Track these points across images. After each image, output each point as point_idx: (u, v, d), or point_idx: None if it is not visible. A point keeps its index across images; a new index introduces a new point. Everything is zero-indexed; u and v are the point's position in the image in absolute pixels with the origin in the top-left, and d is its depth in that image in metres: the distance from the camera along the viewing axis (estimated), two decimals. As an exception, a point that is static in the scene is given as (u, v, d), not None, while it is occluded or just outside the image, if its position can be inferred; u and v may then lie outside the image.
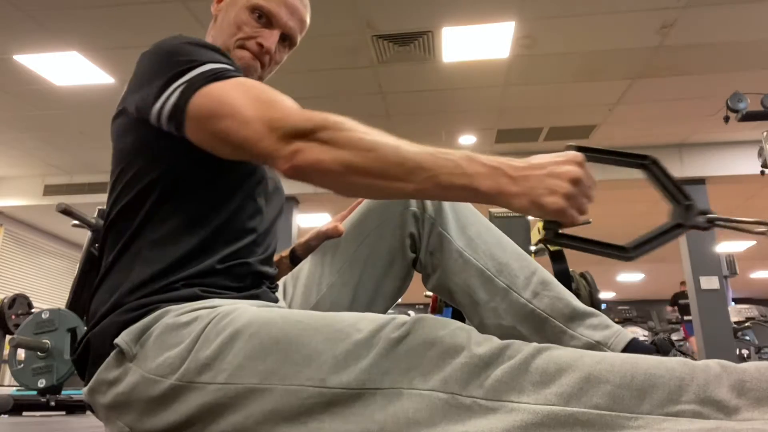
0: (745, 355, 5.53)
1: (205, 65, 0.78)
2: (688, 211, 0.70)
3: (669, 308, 8.39)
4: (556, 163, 0.65)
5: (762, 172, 3.37)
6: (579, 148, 0.68)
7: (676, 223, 0.70)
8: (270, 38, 0.97)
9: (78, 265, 3.15)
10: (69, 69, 4.50)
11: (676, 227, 0.70)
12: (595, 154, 0.69)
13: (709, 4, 3.75)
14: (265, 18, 0.97)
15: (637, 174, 0.73)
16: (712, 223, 0.70)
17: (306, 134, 0.69)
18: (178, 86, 0.76)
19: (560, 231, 0.67)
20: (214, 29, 1.01)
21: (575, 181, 0.63)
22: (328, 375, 0.63)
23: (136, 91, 0.83)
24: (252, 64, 0.97)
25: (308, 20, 1.04)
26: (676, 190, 0.71)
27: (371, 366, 0.62)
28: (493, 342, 0.62)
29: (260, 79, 1.01)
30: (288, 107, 0.73)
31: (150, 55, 0.85)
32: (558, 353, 0.60)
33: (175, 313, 0.74)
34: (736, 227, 0.74)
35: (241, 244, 0.88)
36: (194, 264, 0.82)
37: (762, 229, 0.74)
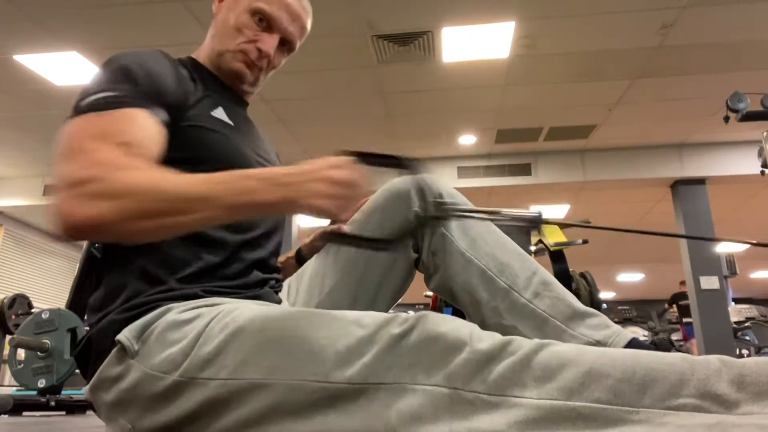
0: (745, 355, 5.55)
1: (96, 94, 0.77)
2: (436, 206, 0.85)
3: (667, 306, 8.30)
4: (324, 168, 0.70)
5: (762, 172, 3.37)
6: (348, 153, 0.75)
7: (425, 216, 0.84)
8: (269, 42, 0.98)
9: (78, 265, 3.15)
10: (69, 69, 4.50)
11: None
12: (362, 158, 0.76)
13: (709, 4, 3.75)
14: (265, 22, 0.98)
15: (639, 174, 0.73)
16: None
17: (78, 187, 0.66)
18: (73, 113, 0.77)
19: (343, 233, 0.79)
20: (214, 28, 1.02)
21: (341, 183, 0.69)
22: (331, 370, 0.63)
23: None
24: (245, 74, 0.99)
25: (309, 27, 1.05)
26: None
27: (374, 361, 0.62)
28: (495, 338, 0.62)
29: (257, 81, 1.02)
30: (86, 156, 0.69)
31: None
32: (559, 348, 0.60)
33: (177, 311, 0.75)
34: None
35: (241, 245, 0.88)
36: (194, 264, 0.82)
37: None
